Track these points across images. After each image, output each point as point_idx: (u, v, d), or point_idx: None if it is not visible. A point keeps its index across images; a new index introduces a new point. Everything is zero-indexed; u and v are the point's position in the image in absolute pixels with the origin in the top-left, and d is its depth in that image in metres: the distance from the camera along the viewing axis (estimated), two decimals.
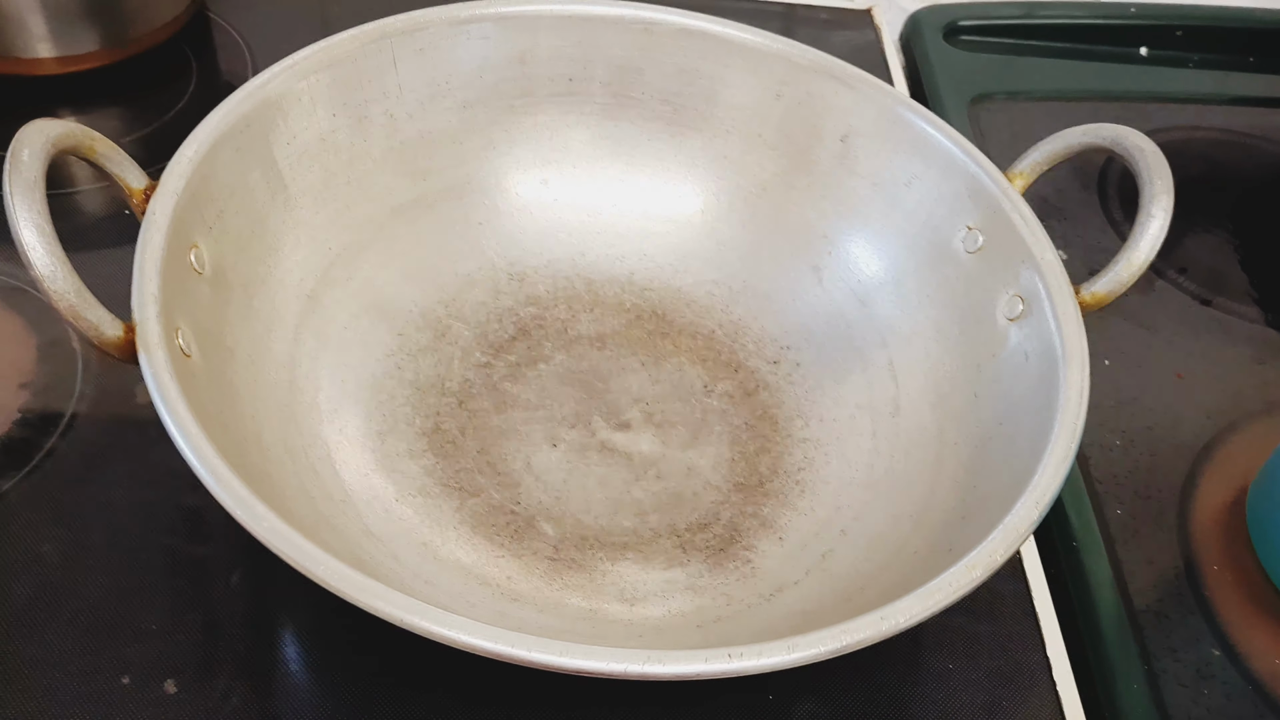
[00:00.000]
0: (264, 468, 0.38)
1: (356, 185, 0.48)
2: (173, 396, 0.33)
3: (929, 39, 0.73)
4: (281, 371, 0.43)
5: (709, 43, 0.51)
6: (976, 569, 0.33)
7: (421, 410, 0.47)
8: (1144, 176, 0.41)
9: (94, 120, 0.61)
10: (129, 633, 0.40)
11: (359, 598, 0.30)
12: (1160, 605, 0.45)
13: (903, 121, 0.48)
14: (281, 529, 0.31)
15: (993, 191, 0.45)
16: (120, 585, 0.41)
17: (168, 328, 0.36)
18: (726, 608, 0.41)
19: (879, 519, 0.43)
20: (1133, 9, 0.76)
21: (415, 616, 0.29)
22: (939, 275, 0.47)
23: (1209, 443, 0.51)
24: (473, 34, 0.50)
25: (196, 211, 0.40)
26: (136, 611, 0.40)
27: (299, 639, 0.41)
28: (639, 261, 0.53)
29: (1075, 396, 0.38)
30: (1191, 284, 0.59)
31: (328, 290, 0.47)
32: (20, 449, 0.45)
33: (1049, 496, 0.35)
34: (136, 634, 0.40)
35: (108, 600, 0.41)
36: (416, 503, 0.43)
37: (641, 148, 0.53)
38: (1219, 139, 0.70)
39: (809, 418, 0.49)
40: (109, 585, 0.41)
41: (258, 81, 0.44)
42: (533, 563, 0.43)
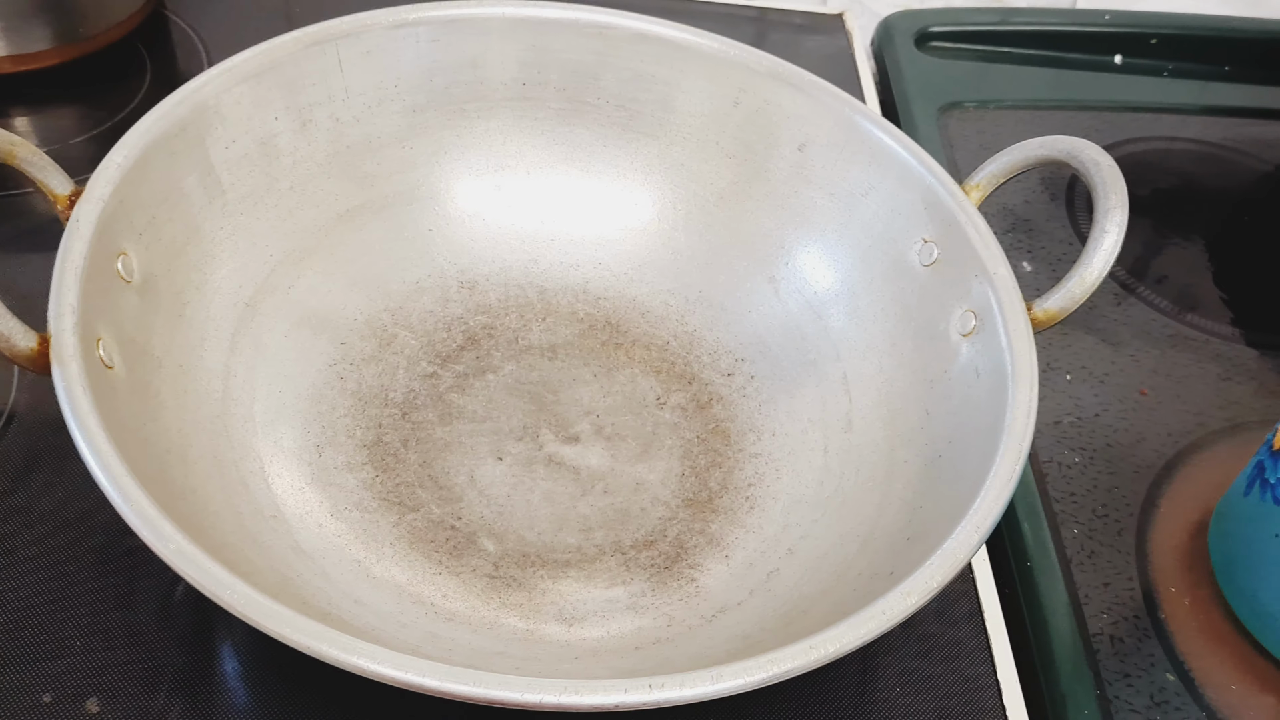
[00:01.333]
0: (188, 483, 0.37)
1: (300, 191, 0.47)
2: (83, 411, 0.32)
3: (900, 45, 0.72)
4: (215, 382, 0.42)
5: (665, 48, 0.50)
6: (911, 596, 0.32)
7: (363, 422, 0.45)
8: (1099, 191, 0.40)
9: (46, 119, 0.60)
10: (52, 648, 0.39)
11: (262, 623, 0.29)
12: (1116, 629, 0.44)
13: (860, 131, 0.47)
14: (188, 550, 0.30)
15: (948, 204, 0.44)
16: (46, 598, 0.40)
17: (86, 339, 0.34)
18: (667, 629, 0.40)
19: (826, 538, 0.42)
20: (1107, 16, 0.75)
21: (320, 643, 0.28)
22: (894, 288, 0.46)
23: (1170, 461, 0.50)
24: (421, 36, 0.48)
25: (125, 218, 0.39)
26: (61, 625, 0.39)
27: (236, 654, 0.40)
28: (593, 270, 0.52)
29: (1022, 417, 0.37)
30: (1161, 299, 0.58)
31: (267, 298, 0.46)
32: None
33: (989, 522, 0.34)
34: (60, 650, 0.39)
35: (30, 613, 0.39)
36: (352, 518, 0.42)
37: (596, 154, 0.52)
38: (1193, 150, 0.69)
39: (761, 432, 0.47)
40: (32, 599, 0.40)
41: (193, 85, 0.42)
42: (471, 580, 0.41)
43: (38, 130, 0.59)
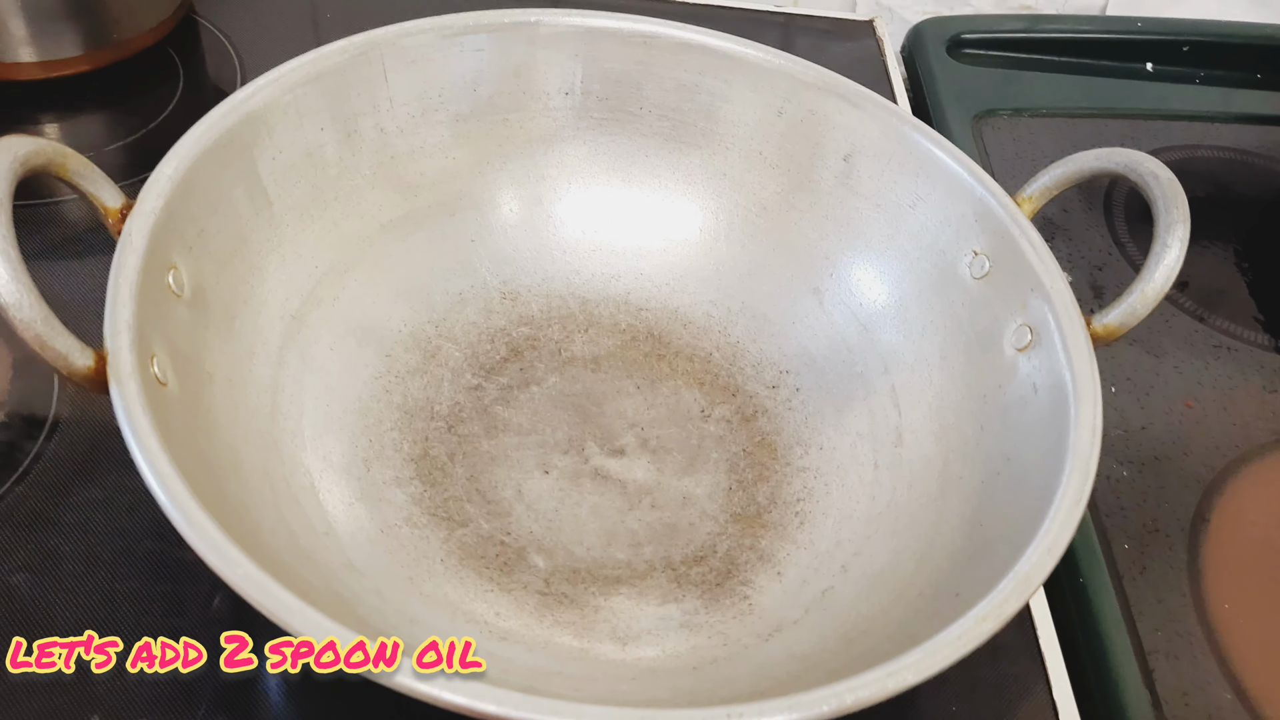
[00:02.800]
0: (242, 499, 0.36)
1: (344, 201, 0.47)
2: (144, 431, 0.32)
3: (932, 52, 0.71)
4: (264, 396, 0.42)
5: (709, 57, 0.49)
6: (987, 621, 0.31)
7: (409, 435, 0.45)
8: (1159, 205, 0.39)
9: (77, 126, 0.59)
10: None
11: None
12: (1171, 646, 0.44)
13: (908, 141, 0.47)
14: (255, 575, 0.29)
15: (1000, 216, 0.44)
16: (92, 614, 0.39)
17: (142, 356, 0.34)
18: (723, 648, 0.40)
19: (881, 555, 0.41)
20: (1139, 24, 0.74)
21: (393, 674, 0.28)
22: (944, 300, 0.46)
23: (1218, 475, 0.50)
24: (466, 46, 0.48)
25: (175, 231, 0.39)
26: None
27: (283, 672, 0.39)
28: (635, 281, 0.52)
29: (1088, 436, 0.36)
30: (1199, 308, 0.58)
31: (313, 310, 0.45)
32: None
33: (1062, 544, 0.33)
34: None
35: (77, 629, 0.39)
36: (402, 534, 0.42)
37: (639, 164, 0.52)
38: (1226, 158, 0.69)
39: (808, 445, 0.47)
40: (80, 614, 0.39)
41: (242, 95, 0.42)
42: (523, 597, 0.41)
43: (68, 138, 0.58)
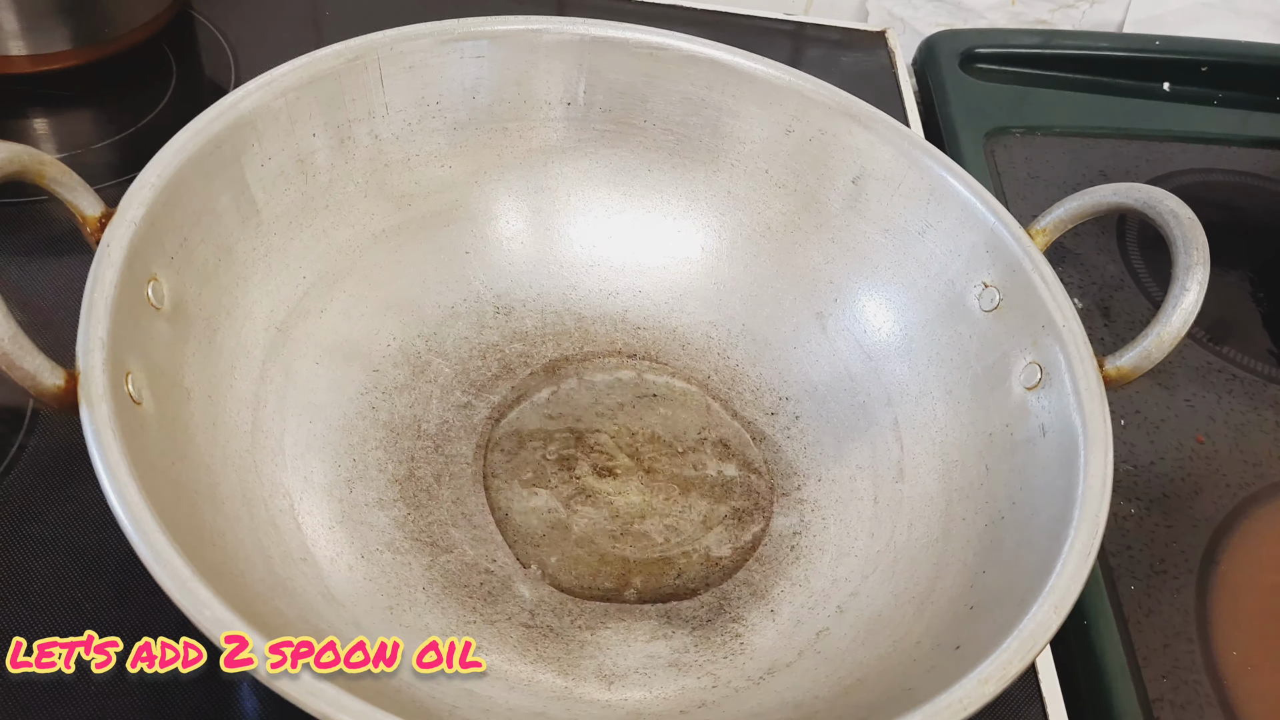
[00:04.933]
0: (216, 526, 0.35)
1: (336, 210, 0.45)
2: (114, 459, 0.30)
3: (944, 66, 0.70)
4: (244, 413, 0.40)
5: (718, 71, 0.48)
6: (989, 683, 0.30)
7: (394, 455, 0.44)
8: (1179, 246, 0.38)
9: (66, 122, 0.58)
10: (65, 689, 0.37)
11: (301, 699, 0.27)
12: (1176, 694, 0.42)
13: (919, 166, 0.45)
14: (224, 617, 0.28)
15: (1013, 248, 0.42)
16: (78, 606, 0.38)
17: (115, 374, 0.33)
18: (713, 690, 0.38)
19: (879, 597, 0.40)
20: (1157, 42, 0.73)
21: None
22: (951, 332, 0.44)
23: (1230, 515, 0.48)
24: (466, 52, 0.46)
25: (157, 241, 0.37)
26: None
27: (256, 693, 0.38)
28: (633, 298, 0.50)
29: (1098, 485, 0.35)
30: (1214, 341, 0.56)
31: (299, 323, 0.44)
32: None
33: (1069, 600, 0.32)
34: (74, 691, 0.37)
35: (69, 622, 0.38)
36: (384, 560, 0.40)
37: (641, 179, 0.50)
38: (1242, 182, 0.67)
39: (806, 476, 0.46)
40: (68, 606, 0.38)
41: (230, 99, 0.41)
42: (506, 629, 0.40)
43: (57, 135, 0.57)
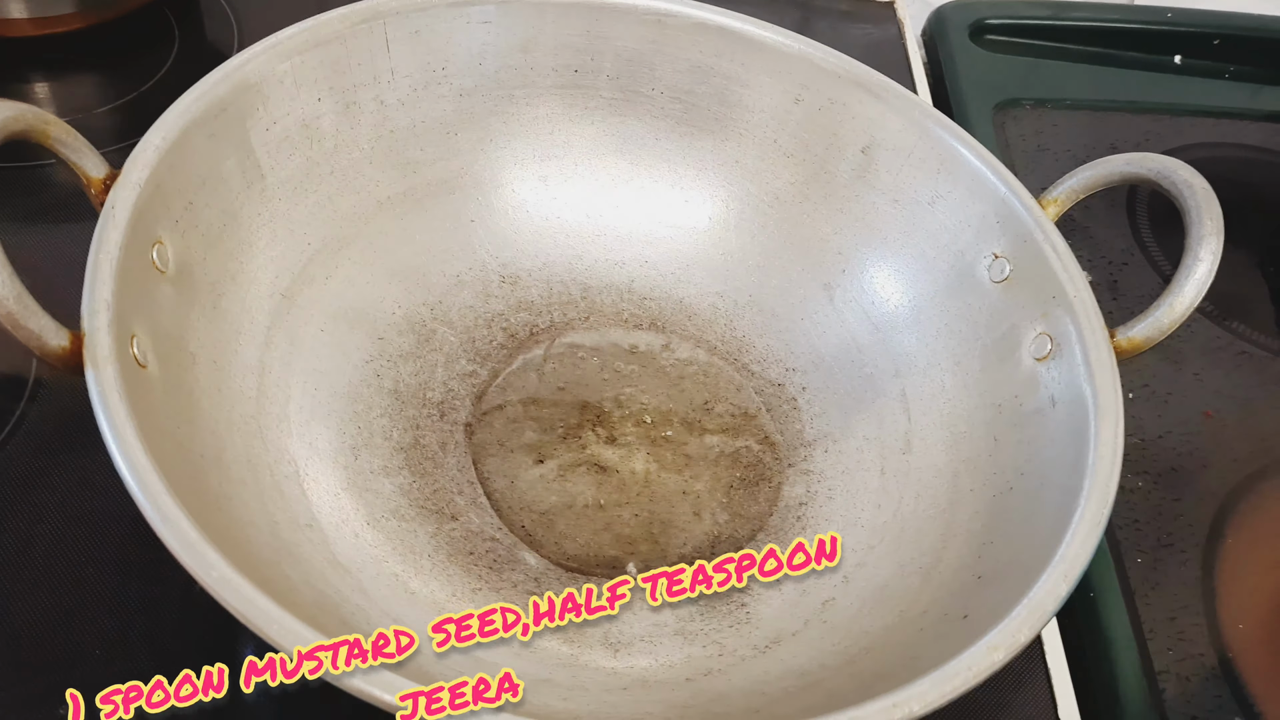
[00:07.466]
0: (223, 490, 0.35)
1: (340, 176, 0.45)
2: (120, 419, 0.30)
3: (954, 37, 0.69)
4: (249, 378, 0.40)
5: (726, 39, 0.47)
6: (998, 651, 0.30)
7: (400, 423, 0.43)
8: (1192, 216, 0.38)
9: (68, 86, 0.57)
10: (70, 656, 0.37)
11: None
12: (1182, 667, 0.42)
13: (930, 136, 0.45)
14: (231, 578, 0.28)
15: (1024, 218, 0.42)
16: (62, 603, 0.38)
17: (121, 337, 0.32)
18: (719, 659, 0.38)
19: (885, 567, 0.40)
20: (1169, 14, 0.72)
21: (361, 682, 0.26)
22: (960, 303, 0.44)
23: (1235, 489, 0.48)
24: (473, 17, 0.46)
25: (162, 204, 0.37)
26: (79, 631, 0.37)
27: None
28: (639, 269, 0.50)
29: (1108, 456, 0.35)
30: (1223, 314, 0.56)
31: (304, 289, 0.43)
32: None
33: (1078, 570, 0.32)
34: (79, 657, 0.37)
35: (47, 620, 0.37)
36: (389, 527, 0.40)
37: (648, 147, 0.50)
38: (1253, 157, 0.67)
39: (813, 447, 0.45)
40: (49, 603, 0.38)
41: (235, 62, 0.40)
42: (512, 597, 0.40)
43: (58, 98, 0.56)
